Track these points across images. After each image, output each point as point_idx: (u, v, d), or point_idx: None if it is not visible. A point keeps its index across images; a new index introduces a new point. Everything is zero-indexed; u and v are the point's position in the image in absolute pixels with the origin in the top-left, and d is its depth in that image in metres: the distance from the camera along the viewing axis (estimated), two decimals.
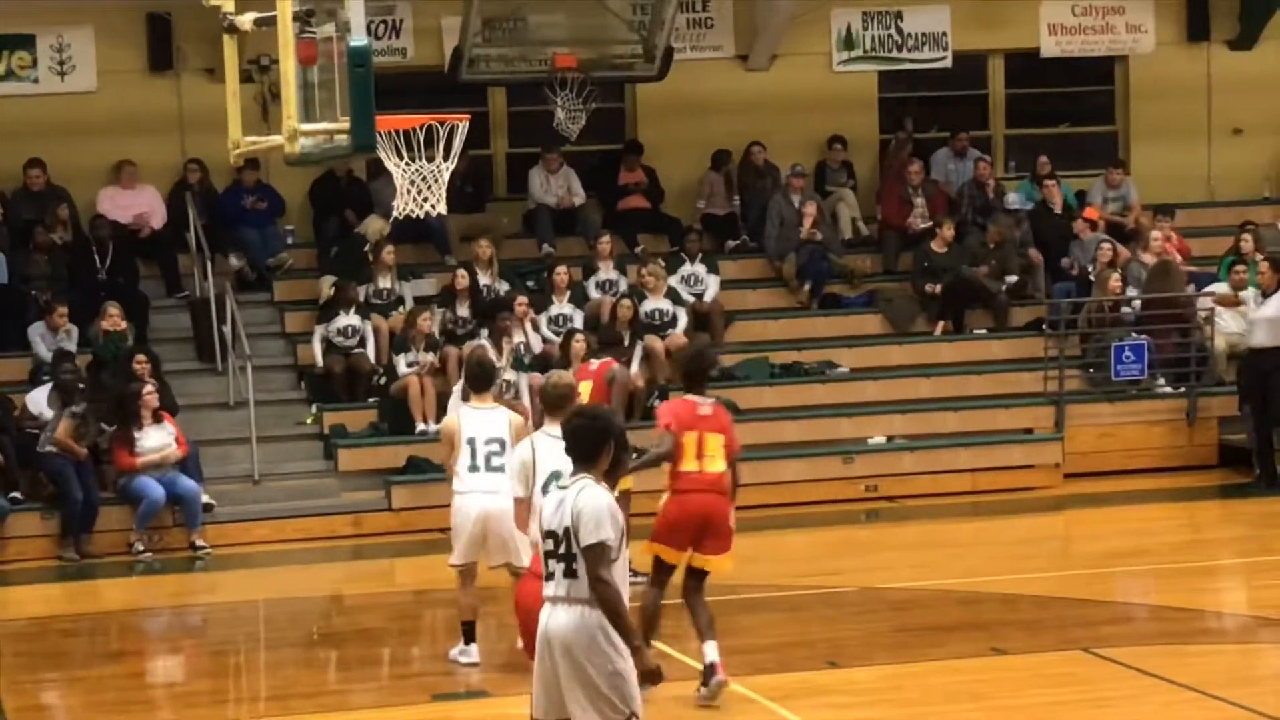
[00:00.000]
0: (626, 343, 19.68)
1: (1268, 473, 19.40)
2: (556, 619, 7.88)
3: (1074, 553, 17.66)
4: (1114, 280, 20.99)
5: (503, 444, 12.27)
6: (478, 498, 12.31)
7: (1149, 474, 20.12)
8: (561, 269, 20.53)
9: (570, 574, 7.85)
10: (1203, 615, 14.37)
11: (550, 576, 7.94)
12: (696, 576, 11.63)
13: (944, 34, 22.93)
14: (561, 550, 7.88)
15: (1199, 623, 14.08)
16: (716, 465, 11.49)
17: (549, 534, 7.94)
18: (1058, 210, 22.30)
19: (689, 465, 11.46)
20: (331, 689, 12.93)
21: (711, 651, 11.49)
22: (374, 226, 20.59)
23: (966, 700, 11.67)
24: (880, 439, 20.05)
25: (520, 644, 11.00)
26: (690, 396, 11.65)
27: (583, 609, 7.83)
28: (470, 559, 12.57)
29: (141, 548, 17.76)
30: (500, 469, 12.12)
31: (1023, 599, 14.77)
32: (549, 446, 10.53)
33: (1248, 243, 21.49)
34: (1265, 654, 13.23)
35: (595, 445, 7.95)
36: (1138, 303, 21.20)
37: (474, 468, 12.39)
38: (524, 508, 10.85)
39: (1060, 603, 14.53)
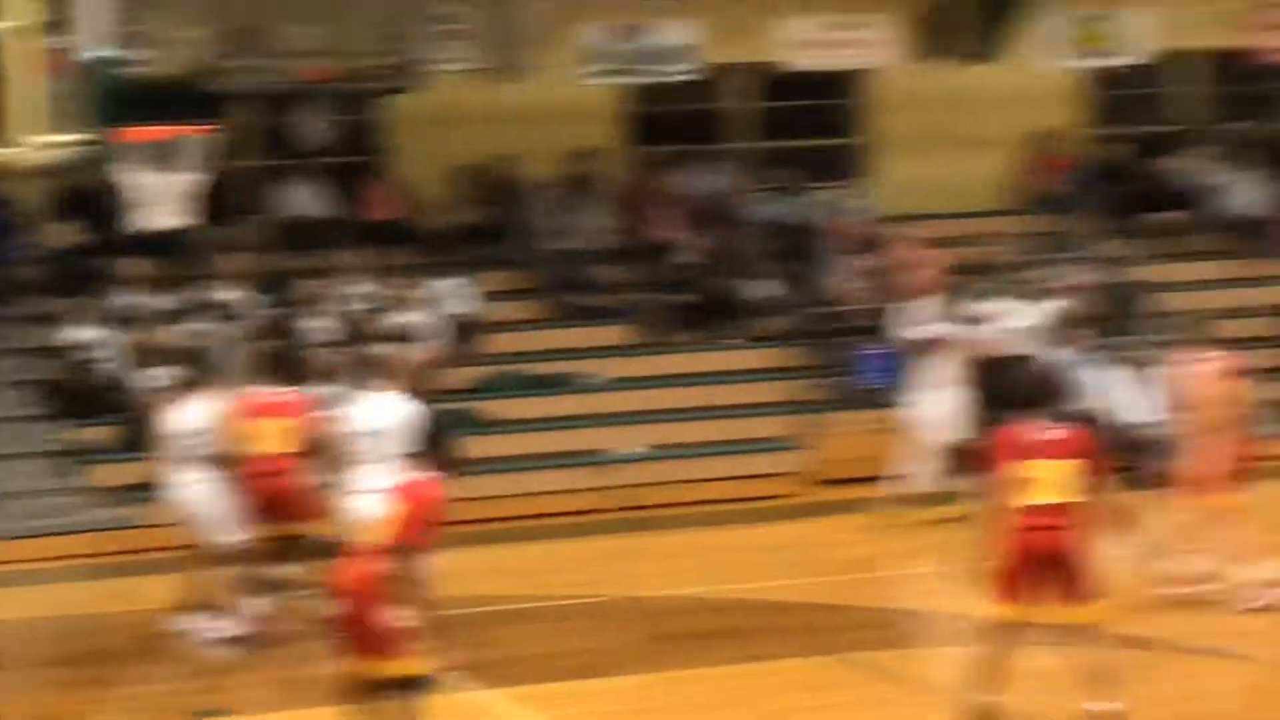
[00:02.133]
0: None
1: None
2: None
3: (825, 559, 17.84)
4: (856, 290, 21.34)
5: (203, 433, 13.89)
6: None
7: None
8: (312, 283, 20.31)
9: None
10: (953, 618, 14.63)
11: None
12: None
13: (692, 47, 23.10)
14: None
15: (951, 626, 14.33)
16: None
17: None
18: (805, 222, 22.60)
19: None
20: (88, 711, 12.62)
21: None
22: (64, 236, 20.33)
23: (725, 707, 11.78)
24: (634, 449, 20.16)
25: None
26: None
27: None
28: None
29: None
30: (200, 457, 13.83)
31: (776, 606, 14.94)
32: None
33: (990, 254, 21.94)
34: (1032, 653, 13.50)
35: None
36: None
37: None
38: None
39: (812, 609, 14.73)
